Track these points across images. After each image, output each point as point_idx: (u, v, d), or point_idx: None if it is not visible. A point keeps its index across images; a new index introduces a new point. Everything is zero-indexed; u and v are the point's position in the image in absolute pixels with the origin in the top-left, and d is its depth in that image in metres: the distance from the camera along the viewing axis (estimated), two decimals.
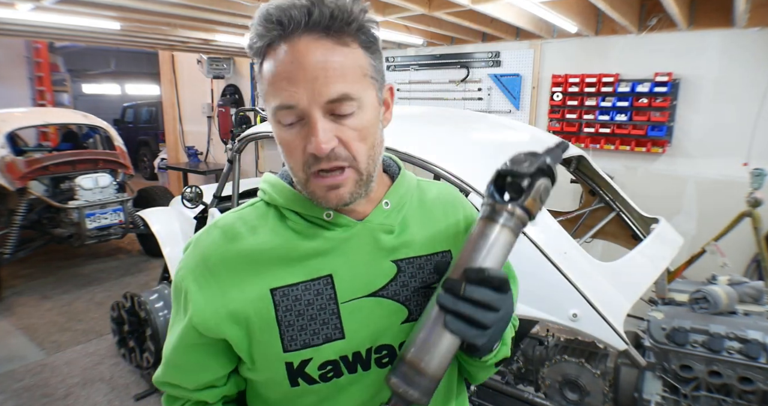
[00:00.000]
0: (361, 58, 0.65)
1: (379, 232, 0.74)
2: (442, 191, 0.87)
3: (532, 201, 0.68)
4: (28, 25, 3.99)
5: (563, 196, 3.90)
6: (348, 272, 0.72)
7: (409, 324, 0.74)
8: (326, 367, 0.72)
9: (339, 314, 0.71)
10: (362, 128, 0.66)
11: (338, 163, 0.65)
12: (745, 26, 3.22)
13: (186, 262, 0.75)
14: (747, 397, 1.61)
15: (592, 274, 1.70)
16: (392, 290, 0.74)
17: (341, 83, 0.62)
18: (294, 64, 0.62)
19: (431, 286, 0.76)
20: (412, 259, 0.76)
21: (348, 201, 0.68)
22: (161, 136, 8.90)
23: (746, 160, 3.34)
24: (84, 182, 4.61)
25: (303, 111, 0.63)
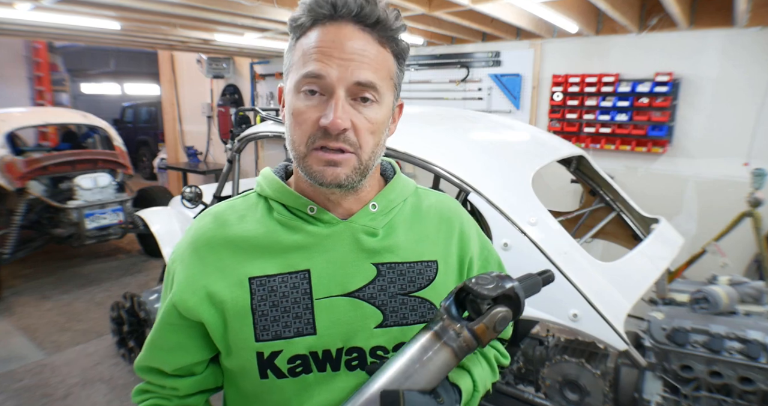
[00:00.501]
0: (391, 63, 0.71)
1: (362, 233, 0.74)
2: (440, 201, 0.86)
3: (483, 327, 0.63)
4: (28, 25, 3.99)
5: (563, 197, 3.90)
6: (326, 269, 0.73)
7: (382, 329, 0.74)
8: (295, 361, 0.72)
9: (312, 309, 0.72)
10: (375, 122, 0.69)
11: (344, 146, 0.67)
12: (746, 26, 3.22)
13: (178, 245, 0.80)
14: (747, 397, 1.61)
15: (593, 274, 1.69)
16: (369, 293, 0.73)
17: (371, 72, 0.67)
18: (335, 43, 0.66)
19: (410, 294, 0.75)
20: (393, 264, 0.75)
21: (342, 182, 0.68)
22: (161, 136, 8.90)
23: (747, 160, 3.33)
24: (83, 182, 4.60)
25: (329, 85, 0.65)
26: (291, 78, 0.70)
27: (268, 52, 5.56)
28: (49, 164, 4.55)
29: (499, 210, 1.73)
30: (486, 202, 1.75)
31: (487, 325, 0.63)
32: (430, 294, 0.76)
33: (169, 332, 0.77)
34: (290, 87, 0.69)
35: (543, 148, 2.24)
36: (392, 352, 0.74)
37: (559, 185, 3.81)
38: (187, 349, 0.77)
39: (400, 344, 0.74)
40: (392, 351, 0.74)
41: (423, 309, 0.76)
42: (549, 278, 0.71)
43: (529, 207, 1.78)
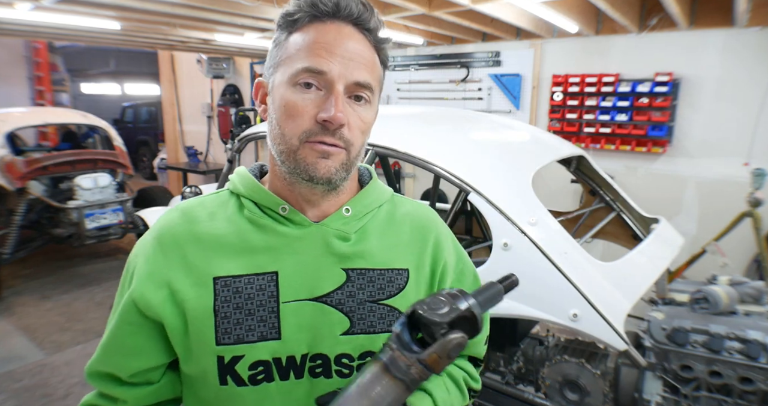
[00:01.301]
0: (379, 67, 0.73)
1: (333, 237, 0.73)
2: (416, 210, 0.84)
3: (436, 357, 0.58)
4: (28, 25, 3.99)
5: (563, 197, 3.90)
6: (294, 272, 0.71)
7: (348, 336, 0.71)
8: (257, 368, 0.70)
9: (278, 313, 0.69)
10: (366, 121, 0.71)
11: (339, 142, 0.67)
12: (746, 26, 3.22)
13: (141, 240, 0.77)
14: (747, 397, 1.61)
15: (592, 274, 1.69)
16: (337, 299, 0.71)
17: (368, 73, 0.69)
18: (338, 41, 0.67)
19: (379, 301, 0.73)
20: (363, 270, 0.73)
21: (332, 176, 0.68)
22: (161, 136, 8.90)
23: (747, 160, 3.33)
24: (83, 182, 4.60)
25: (329, 81, 0.66)
26: (283, 71, 0.69)
27: (268, 52, 5.56)
28: (49, 164, 4.55)
29: (499, 210, 1.73)
30: (486, 202, 1.75)
31: (439, 354, 0.58)
32: (400, 303, 0.74)
33: (126, 332, 0.72)
34: (282, 80, 0.69)
35: (543, 148, 2.24)
36: (357, 360, 0.72)
37: (559, 185, 3.81)
38: (145, 351, 0.73)
39: (366, 352, 0.72)
40: (358, 359, 0.72)
41: (391, 318, 0.74)
42: (512, 284, 0.66)
43: (529, 207, 1.78)
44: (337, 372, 0.72)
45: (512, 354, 2.10)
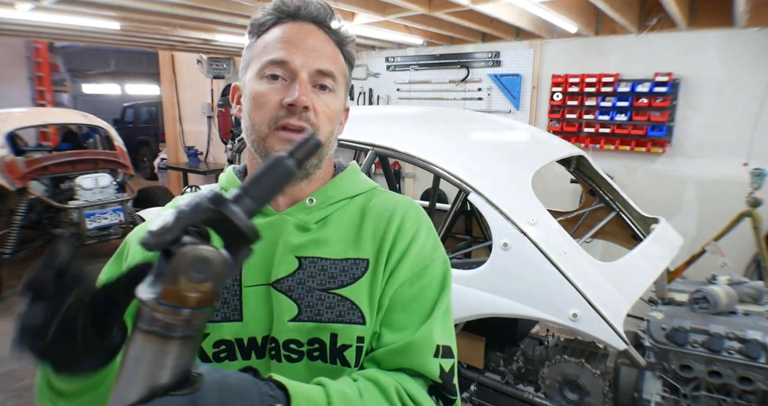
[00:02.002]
0: (344, 64, 0.78)
1: (293, 226, 0.76)
2: (386, 200, 0.81)
3: (170, 287, 0.44)
4: (28, 25, 3.99)
5: (563, 197, 3.90)
6: (255, 258, 0.69)
7: (296, 323, 0.72)
8: (220, 346, 0.73)
9: (241, 296, 0.73)
10: (332, 109, 0.74)
11: (305, 124, 0.71)
12: (745, 26, 3.22)
13: (140, 227, 0.85)
14: (747, 397, 1.62)
15: (592, 274, 1.70)
16: (287, 285, 0.73)
17: (332, 64, 0.74)
18: (298, 35, 0.73)
19: (329, 290, 0.73)
20: (316, 259, 0.74)
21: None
22: (161, 136, 8.90)
23: (746, 160, 3.34)
24: (84, 182, 4.61)
25: (293, 70, 0.71)
26: (252, 68, 0.74)
27: None
28: (49, 164, 4.56)
29: (499, 210, 1.73)
30: (486, 202, 1.75)
31: (173, 279, 0.43)
32: (353, 293, 0.73)
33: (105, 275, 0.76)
34: (251, 76, 0.74)
35: (543, 148, 2.24)
36: (307, 345, 0.73)
37: (559, 185, 3.82)
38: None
39: (314, 338, 0.72)
40: (307, 345, 0.73)
41: (342, 307, 0.73)
42: (311, 150, 0.53)
43: (528, 207, 1.78)
44: (286, 357, 0.73)
45: (512, 354, 2.10)
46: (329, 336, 0.72)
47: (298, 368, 0.73)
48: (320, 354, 0.73)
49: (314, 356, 0.73)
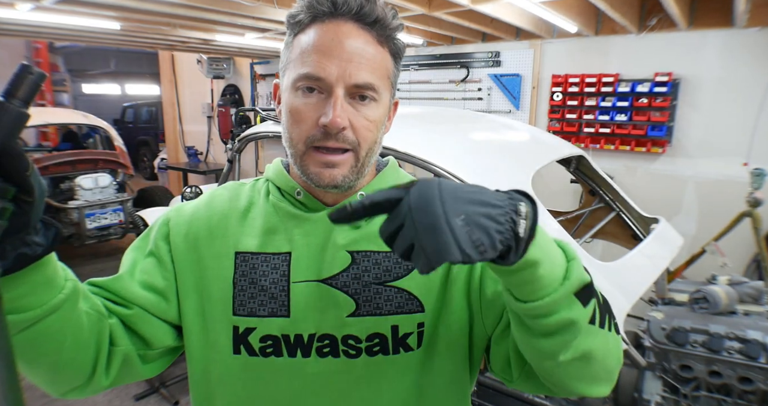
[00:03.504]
0: (389, 62, 0.71)
1: None
2: None
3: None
4: (28, 25, 3.99)
5: (563, 197, 3.90)
6: (304, 254, 0.73)
7: (355, 318, 0.72)
8: (267, 341, 0.72)
9: (288, 292, 0.72)
10: (373, 120, 0.70)
11: (344, 145, 0.68)
12: (745, 26, 3.22)
13: (188, 203, 0.82)
14: (747, 397, 1.62)
15: (592, 274, 1.69)
16: (342, 281, 0.72)
17: (371, 73, 0.67)
18: (334, 42, 0.66)
19: (386, 283, 0.73)
20: (369, 252, 0.74)
21: (339, 184, 0.69)
22: (161, 136, 8.91)
23: (746, 160, 3.34)
24: (84, 182, 4.61)
25: (328, 85, 0.66)
26: (288, 75, 0.70)
27: (268, 52, 5.56)
28: (49, 164, 4.56)
29: None
30: None
31: None
32: (409, 284, 0.73)
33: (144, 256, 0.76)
34: (288, 84, 0.70)
35: (543, 148, 2.24)
36: (365, 342, 0.72)
37: (559, 185, 3.82)
38: (152, 276, 0.74)
39: (374, 334, 0.72)
40: (365, 341, 0.72)
41: (399, 299, 0.73)
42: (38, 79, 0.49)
43: None
44: (344, 352, 0.72)
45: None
46: (390, 328, 0.72)
47: (357, 364, 0.72)
48: (381, 348, 0.72)
49: (374, 352, 0.72)
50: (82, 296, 0.64)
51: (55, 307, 0.58)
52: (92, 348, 0.66)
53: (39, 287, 0.56)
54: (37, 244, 0.53)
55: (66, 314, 0.60)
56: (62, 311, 0.59)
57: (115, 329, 0.70)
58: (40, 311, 0.57)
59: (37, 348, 0.61)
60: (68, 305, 0.60)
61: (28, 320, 0.57)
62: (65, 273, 0.61)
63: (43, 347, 0.61)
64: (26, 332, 0.58)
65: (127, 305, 0.72)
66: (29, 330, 0.58)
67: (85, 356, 0.66)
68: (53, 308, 0.58)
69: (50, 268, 0.57)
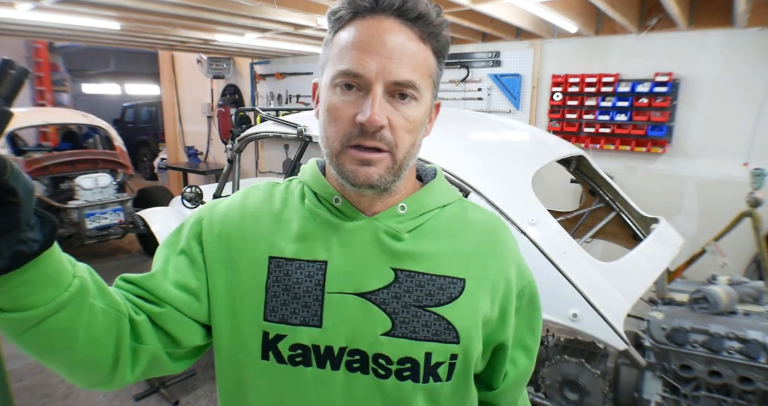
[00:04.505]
0: (431, 60, 0.68)
1: (385, 234, 0.71)
2: (484, 218, 0.79)
3: None
4: (28, 25, 3.99)
5: (563, 197, 3.90)
6: (342, 264, 0.71)
7: (388, 338, 0.69)
8: (297, 349, 0.70)
9: (322, 302, 0.70)
10: (412, 120, 0.67)
11: (380, 144, 0.65)
12: (746, 26, 3.22)
13: (218, 201, 0.81)
14: (747, 397, 1.62)
15: (592, 274, 1.70)
16: (381, 298, 0.70)
17: (410, 70, 0.64)
18: (375, 38, 0.64)
19: (426, 308, 0.70)
20: (413, 273, 0.71)
21: (374, 183, 0.66)
22: (161, 136, 8.90)
23: (746, 160, 3.34)
24: (84, 182, 4.61)
25: (367, 82, 0.64)
26: (327, 73, 0.68)
27: (268, 52, 5.56)
28: (49, 164, 4.56)
29: (499, 210, 1.73)
30: (486, 202, 1.75)
31: None
32: (450, 313, 0.70)
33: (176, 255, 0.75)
34: (326, 82, 0.68)
35: (543, 148, 2.24)
36: (396, 364, 0.70)
37: (559, 185, 3.82)
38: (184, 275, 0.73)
39: (406, 358, 0.69)
40: (396, 363, 0.70)
41: (438, 327, 0.70)
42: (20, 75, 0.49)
43: (529, 207, 1.78)
44: (374, 371, 0.70)
45: None
46: (423, 355, 0.69)
47: (386, 386, 0.70)
48: (412, 374, 0.70)
49: (404, 376, 0.70)
50: (98, 293, 0.63)
51: (61, 305, 0.57)
52: (110, 347, 0.65)
53: (41, 284, 0.55)
54: (34, 240, 0.52)
55: (74, 312, 0.59)
56: (69, 310, 0.58)
57: (143, 326, 0.69)
58: (43, 310, 0.55)
59: (47, 347, 0.60)
60: (76, 303, 0.58)
61: (32, 319, 0.55)
62: (74, 270, 0.59)
63: (54, 346, 0.60)
64: (33, 330, 0.56)
65: (159, 303, 0.71)
66: (36, 329, 0.56)
67: (103, 355, 0.64)
68: (58, 306, 0.56)
69: (52, 265, 0.55)
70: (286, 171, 3.85)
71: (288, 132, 2.35)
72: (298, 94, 5.80)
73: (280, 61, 5.99)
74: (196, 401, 2.88)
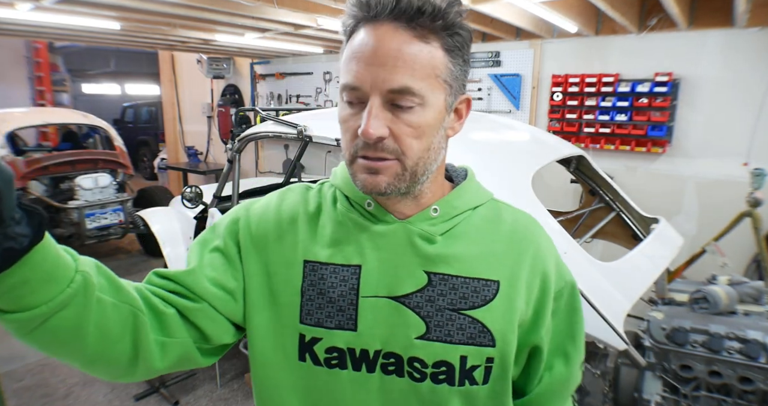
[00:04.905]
0: (438, 57, 0.63)
1: (418, 237, 0.71)
2: (517, 218, 0.78)
3: None
4: (28, 25, 3.99)
5: (563, 197, 3.90)
6: (376, 268, 0.71)
7: (423, 341, 0.69)
8: (332, 352, 0.71)
9: (357, 306, 0.70)
10: (418, 126, 0.64)
11: (384, 154, 0.64)
12: (745, 26, 3.22)
13: (253, 201, 0.81)
14: (747, 397, 1.62)
15: (592, 274, 1.70)
16: (415, 301, 0.70)
17: (407, 76, 0.61)
18: (368, 47, 0.62)
19: (460, 311, 0.70)
20: (447, 276, 0.70)
21: (383, 191, 0.66)
22: (161, 136, 8.90)
23: (746, 160, 3.34)
24: (84, 182, 4.61)
25: (364, 94, 0.63)
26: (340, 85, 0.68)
27: (268, 52, 5.56)
28: (49, 164, 4.56)
29: None
30: None
31: None
32: (484, 316, 0.70)
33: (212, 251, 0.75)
34: (340, 94, 0.68)
35: (543, 148, 2.24)
36: (431, 368, 0.69)
37: (559, 185, 3.82)
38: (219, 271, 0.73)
39: (441, 361, 0.69)
40: (431, 367, 0.69)
41: (473, 330, 0.69)
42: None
43: (528, 207, 1.78)
44: (409, 374, 0.70)
45: None
46: (459, 358, 0.69)
47: (422, 389, 0.70)
48: (447, 378, 0.69)
49: (439, 380, 0.70)
50: (109, 288, 0.62)
51: (64, 302, 0.55)
52: (126, 343, 0.64)
53: (40, 282, 0.53)
54: (22, 235, 0.49)
55: (80, 309, 0.57)
56: (74, 307, 0.56)
57: (173, 320, 0.69)
58: (46, 308, 0.54)
59: (58, 344, 0.59)
60: (80, 299, 0.57)
61: (36, 318, 0.54)
62: (76, 264, 0.58)
63: (65, 343, 0.59)
64: (40, 329, 0.55)
65: (195, 299, 0.71)
66: (42, 328, 0.55)
67: (119, 350, 0.64)
68: (62, 303, 0.55)
69: (48, 260, 0.53)
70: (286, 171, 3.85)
71: (288, 132, 2.35)
72: (298, 94, 5.79)
73: (280, 61, 5.99)
74: (196, 401, 2.88)
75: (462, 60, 0.66)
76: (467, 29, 0.65)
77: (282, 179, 3.79)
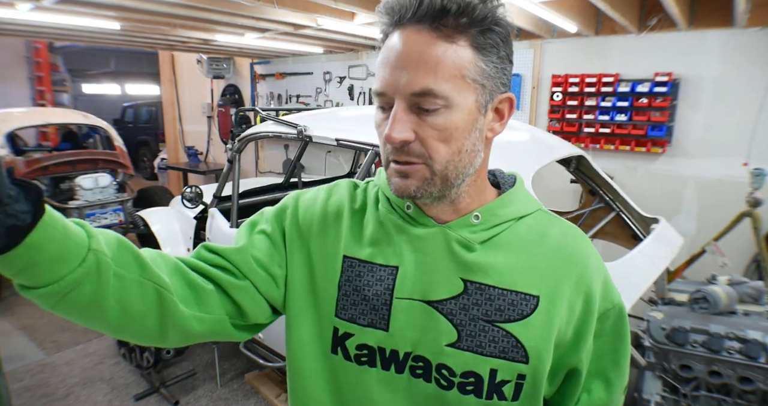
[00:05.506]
0: (465, 57, 0.61)
1: (456, 243, 0.70)
2: (564, 232, 0.74)
3: None
4: (28, 25, 3.99)
5: (563, 197, 3.90)
6: (412, 271, 0.70)
7: (453, 349, 0.68)
8: (363, 349, 0.72)
9: (390, 306, 0.70)
10: (445, 129, 0.62)
11: (410, 158, 0.64)
12: (746, 26, 3.22)
13: (305, 191, 0.84)
14: (747, 397, 1.62)
15: None
16: (449, 308, 0.68)
17: (429, 78, 0.60)
18: (392, 52, 0.62)
19: (494, 323, 0.67)
20: (484, 285, 0.68)
21: (413, 194, 0.66)
22: (161, 136, 8.91)
23: (746, 160, 3.34)
24: (84, 182, 4.61)
25: (390, 99, 0.63)
26: None
27: (268, 52, 5.56)
28: (49, 164, 4.56)
29: None
30: None
31: None
32: (519, 330, 0.67)
33: (259, 233, 0.78)
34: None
35: (543, 148, 2.24)
36: (459, 377, 0.68)
37: (559, 185, 3.82)
38: (264, 252, 0.76)
39: (470, 372, 0.67)
40: (459, 377, 0.68)
41: (505, 344, 0.67)
42: None
43: None
44: (436, 380, 0.69)
45: None
46: (488, 371, 0.67)
47: (448, 398, 0.69)
48: (475, 389, 0.68)
49: (467, 390, 0.68)
50: (134, 264, 0.62)
51: (77, 281, 0.55)
52: (152, 318, 0.65)
53: (48, 264, 0.52)
54: (23, 212, 0.48)
55: (96, 285, 0.57)
56: (89, 284, 0.56)
57: (211, 296, 0.71)
58: (58, 287, 0.54)
59: (82, 316, 0.61)
60: (93, 277, 0.56)
61: (52, 295, 0.55)
62: (90, 241, 0.56)
63: (89, 315, 0.60)
64: (62, 303, 0.56)
65: (239, 276, 0.74)
66: (63, 302, 0.56)
67: (145, 324, 0.65)
68: (74, 282, 0.55)
69: (55, 243, 0.52)
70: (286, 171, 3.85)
71: (288, 132, 2.35)
72: (298, 94, 5.79)
73: (280, 61, 5.99)
74: (196, 401, 2.88)
75: (497, 57, 0.63)
76: (503, 25, 0.63)
77: (282, 179, 3.79)
